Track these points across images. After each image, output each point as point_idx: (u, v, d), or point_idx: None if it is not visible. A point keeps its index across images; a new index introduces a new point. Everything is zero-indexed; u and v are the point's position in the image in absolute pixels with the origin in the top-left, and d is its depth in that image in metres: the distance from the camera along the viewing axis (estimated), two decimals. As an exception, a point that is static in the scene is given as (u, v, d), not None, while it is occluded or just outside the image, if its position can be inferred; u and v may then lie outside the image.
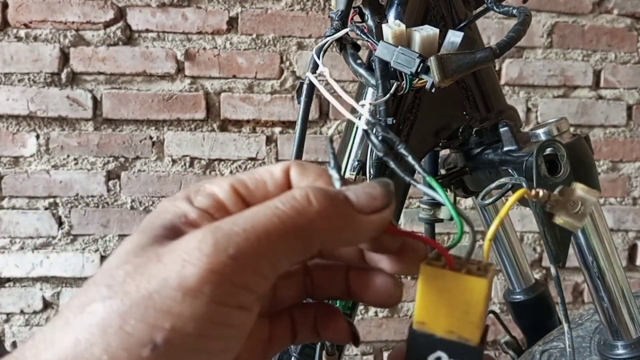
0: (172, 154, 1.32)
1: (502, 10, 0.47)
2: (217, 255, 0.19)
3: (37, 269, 1.31)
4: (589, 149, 0.51)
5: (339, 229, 0.22)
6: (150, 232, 0.21)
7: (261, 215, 0.20)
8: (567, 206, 0.28)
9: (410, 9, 0.51)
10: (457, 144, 0.56)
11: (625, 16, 1.39)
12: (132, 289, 0.19)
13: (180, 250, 0.19)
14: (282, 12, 1.31)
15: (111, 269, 0.20)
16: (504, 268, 0.73)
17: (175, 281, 0.19)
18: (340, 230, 0.22)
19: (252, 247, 0.19)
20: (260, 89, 1.32)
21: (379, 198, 0.23)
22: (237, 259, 0.19)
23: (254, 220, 0.20)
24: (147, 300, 0.18)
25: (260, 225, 0.20)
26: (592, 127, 1.40)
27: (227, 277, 0.19)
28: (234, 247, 0.19)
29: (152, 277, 0.19)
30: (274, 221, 0.20)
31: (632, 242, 1.45)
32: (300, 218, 0.20)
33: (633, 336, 0.56)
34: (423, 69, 0.39)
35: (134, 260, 0.20)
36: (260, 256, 0.20)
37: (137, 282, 0.19)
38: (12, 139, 1.28)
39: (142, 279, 0.19)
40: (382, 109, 0.46)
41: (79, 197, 1.31)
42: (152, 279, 0.19)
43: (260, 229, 0.20)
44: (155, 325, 0.18)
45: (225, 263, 0.19)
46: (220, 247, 0.19)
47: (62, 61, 1.27)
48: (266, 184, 0.24)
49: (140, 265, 0.20)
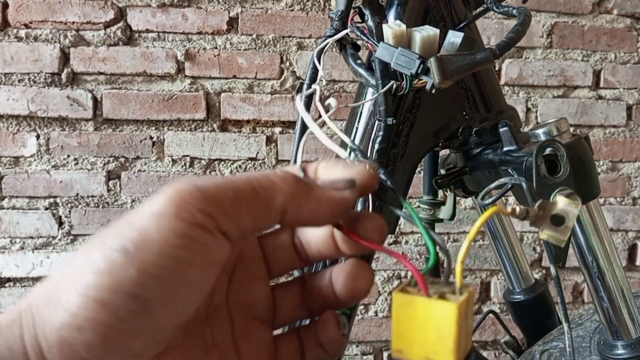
0: (172, 154, 1.32)
1: (502, 10, 0.47)
2: (185, 185, 0.22)
3: (38, 269, 1.31)
4: (589, 149, 0.51)
5: (300, 198, 0.24)
6: None
7: (235, 177, 0.24)
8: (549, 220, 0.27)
9: (410, 9, 0.51)
10: (457, 144, 0.56)
11: (625, 16, 1.39)
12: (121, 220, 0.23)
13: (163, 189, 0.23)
14: (282, 12, 1.32)
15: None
16: (504, 268, 0.73)
17: (147, 207, 0.22)
18: (301, 199, 0.24)
19: (216, 187, 0.22)
20: (261, 89, 1.32)
21: (341, 181, 0.26)
22: (202, 190, 0.22)
23: (226, 178, 0.23)
24: (124, 222, 0.22)
25: (229, 179, 0.23)
26: (591, 127, 1.41)
27: (192, 202, 0.22)
28: (202, 183, 0.22)
29: (135, 211, 0.22)
30: (242, 178, 0.24)
31: (632, 242, 1.45)
32: (264, 180, 0.24)
33: (633, 336, 0.56)
34: (423, 70, 0.40)
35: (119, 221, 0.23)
36: (223, 196, 0.22)
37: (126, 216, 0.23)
38: (13, 139, 1.28)
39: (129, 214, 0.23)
40: (382, 109, 0.46)
41: (79, 197, 1.31)
42: (135, 211, 0.22)
43: (227, 181, 0.23)
44: (125, 235, 0.21)
45: (191, 190, 0.22)
46: (190, 182, 0.22)
47: (63, 61, 1.27)
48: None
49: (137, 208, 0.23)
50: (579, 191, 0.48)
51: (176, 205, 0.21)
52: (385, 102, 0.45)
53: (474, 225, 0.25)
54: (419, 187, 0.67)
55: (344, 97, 1.33)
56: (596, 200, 0.54)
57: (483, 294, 1.43)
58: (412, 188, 0.62)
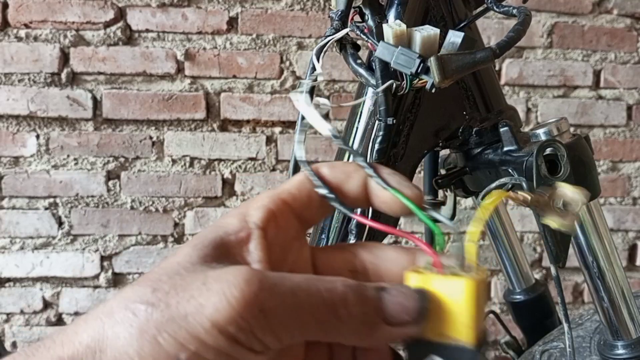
0: (172, 154, 1.32)
1: (502, 10, 0.47)
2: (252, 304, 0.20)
3: (37, 269, 1.31)
4: (589, 149, 0.51)
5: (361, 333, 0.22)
6: (202, 249, 0.23)
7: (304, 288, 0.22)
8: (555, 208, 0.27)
9: (410, 9, 0.51)
10: (457, 144, 0.56)
11: (625, 16, 1.39)
12: (173, 303, 0.21)
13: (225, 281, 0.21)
14: (282, 12, 1.31)
15: (161, 275, 0.22)
16: (504, 268, 0.73)
17: (209, 310, 0.20)
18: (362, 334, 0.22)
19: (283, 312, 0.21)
20: (260, 89, 1.32)
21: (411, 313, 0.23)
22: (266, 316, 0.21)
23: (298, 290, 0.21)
24: (182, 320, 0.20)
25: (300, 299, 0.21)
26: (592, 127, 1.41)
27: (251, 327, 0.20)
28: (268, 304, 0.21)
29: (193, 298, 0.21)
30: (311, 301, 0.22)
31: (632, 242, 1.45)
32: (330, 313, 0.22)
33: (633, 336, 0.56)
34: (423, 69, 0.39)
35: (183, 274, 0.22)
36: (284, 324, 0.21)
37: (179, 299, 0.21)
38: (12, 139, 1.28)
39: (184, 296, 0.21)
40: (382, 108, 0.46)
41: (79, 197, 1.31)
42: (192, 300, 0.21)
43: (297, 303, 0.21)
44: (183, 344, 0.20)
45: (255, 314, 0.20)
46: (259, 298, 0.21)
47: (62, 61, 1.27)
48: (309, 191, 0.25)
49: (186, 283, 0.21)
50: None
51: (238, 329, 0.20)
52: (386, 101, 0.45)
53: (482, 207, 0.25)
54: (419, 187, 0.67)
55: (344, 97, 1.33)
56: (596, 200, 0.54)
57: (483, 294, 1.43)
58: (412, 188, 0.62)
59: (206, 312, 0.20)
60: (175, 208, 1.33)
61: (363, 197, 0.25)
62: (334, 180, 0.25)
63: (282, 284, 0.21)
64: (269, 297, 0.21)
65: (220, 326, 0.20)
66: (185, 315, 0.20)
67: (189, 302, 0.21)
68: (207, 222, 1.34)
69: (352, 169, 0.25)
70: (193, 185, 1.33)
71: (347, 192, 0.25)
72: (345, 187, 0.25)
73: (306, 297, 0.21)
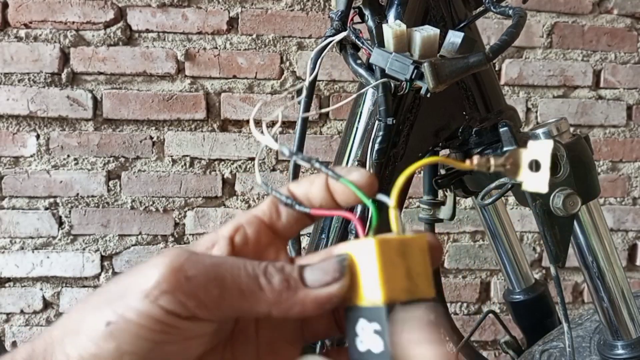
0: (172, 154, 1.32)
1: (499, 10, 0.47)
2: (177, 271, 0.23)
3: (37, 268, 1.31)
4: (589, 149, 0.51)
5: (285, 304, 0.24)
6: None
7: (230, 262, 0.24)
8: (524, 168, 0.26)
9: (410, 9, 0.51)
10: (457, 144, 0.56)
11: (625, 16, 1.39)
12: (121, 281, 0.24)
13: (161, 257, 0.24)
14: (282, 12, 1.32)
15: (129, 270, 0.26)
16: (504, 268, 0.74)
17: (141, 279, 0.23)
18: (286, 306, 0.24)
19: (206, 280, 0.23)
20: (261, 89, 1.32)
21: (331, 269, 0.25)
22: (190, 281, 0.23)
23: (223, 263, 0.24)
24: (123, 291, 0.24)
25: (224, 269, 0.24)
26: (592, 127, 1.41)
27: (174, 290, 0.23)
28: (192, 272, 0.23)
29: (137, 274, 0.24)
30: (234, 272, 0.24)
31: (632, 242, 1.45)
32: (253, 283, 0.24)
33: (633, 336, 0.56)
34: (417, 75, 0.40)
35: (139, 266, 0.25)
36: (208, 290, 0.23)
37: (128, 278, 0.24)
38: (12, 139, 1.28)
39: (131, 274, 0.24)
40: (382, 109, 0.46)
41: (79, 197, 1.31)
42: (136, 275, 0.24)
43: (221, 273, 0.24)
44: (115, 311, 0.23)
45: (179, 279, 0.23)
46: (184, 267, 0.23)
47: (62, 61, 1.27)
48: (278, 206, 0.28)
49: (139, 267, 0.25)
50: (579, 191, 0.48)
51: (161, 290, 0.23)
52: (385, 102, 0.45)
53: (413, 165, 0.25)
54: (419, 187, 0.67)
55: (344, 97, 1.33)
56: (596, 200, 0.54)
57: (483, 294, 1.43)
58: (412, 188, 0.62)
59: (140, 281, 0.23)
60: (175, 208, 1.33)
61: (328, 197, 0.27)
62: (300, 192, 0.27)
63: (209, 258, 0.24)
64: (193, 266, 0.23)
65: (146, 290, 0.23)
66: (126, 287, 0.24)
67: (133, 276, 0.24)
68: (207, 222, 1.34)
69: (314, 177, 0.28)
70: (193, 185, 1.33)
71: (313, 197, 0.27)
72: (310, 194, 0.27)
73: (230, 268, 0.24)
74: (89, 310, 0.24)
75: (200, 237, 1.33)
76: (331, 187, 0.27)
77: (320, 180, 0.27)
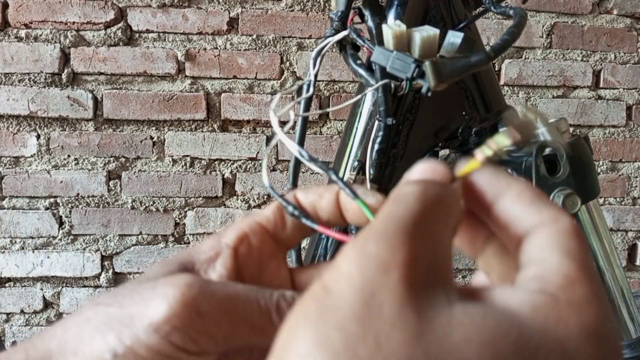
0: (172, 154, 1.32)
1: (499, 10, 0.47)
2: (189, 306, 0.22)
3: (38, 268, 1.31)
4: (589, 149, 0.51)
5: None
6: (169, 265, 0.25)
7: (242, 295, 0.23)
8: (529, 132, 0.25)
9: (410, 9, 0.51)
10: (457, 144, 0.56)
11: (625, 16, 1.39)
12: (126, 304, 0.23)
13: (170, 285, 0.23)
14: (282, 12, 1.32)
15: (128, 283, 0.24)
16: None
17: (151, 310, 0.22)
18: None
19: (218, 316, 0.23)
20: (261, 89, 1.32)
21: None
22: (202, 318, 0.22)
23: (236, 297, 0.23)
24: (129, 319, 0.22)
25: (236, 305, 0.23)
26: (591, 127, 1.41)
27: (186, 327, 0.22)
28: (205, 308, 0.22)
29: (142, 300, 0.23)
30: (247, 307, 0.23)
31: (631, 242, 1.45)
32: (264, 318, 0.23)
33: (633, 336, 0.56)
34: (419, 73, 0.40)
35: (143, 282, 0.24)
36: (220, 327, 0.23)
37: (132, 301, 0.23)
38: (13, 139, 1.29)
39: (135, 299, 0.23)
40: (382, 109, 0.46)
41: (79, 197, 1.31)
42: (141, 302, 0.23)
43: (234, 308, 0.23)
44: (122, 340, 0.22)
45: (191, 315, 0.22)
46: (197, 301, 0.22)
47: (63, 61, 1.28)
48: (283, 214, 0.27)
49: (141, 288, 0.23)
50: (579, 191, 0.48)
51: (172, 326, 0.22)
52: (385, 102, 0.45)
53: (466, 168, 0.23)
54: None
55: (344, 97, 1.33)
56: (596, 200, 0.54)
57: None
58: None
59: (148, 312, 0.22)
60: (175, 208, 1.33)
61: (337, 214, 0.26)
62: (307, 202, 0.27)
63: (221, 290, 0.23)
64: (206, 301, 0.22)
65: (156, 325, 0.22)
66: (132, 316, 0.22)
67: (137, 303, 0.23)
68: (207, 222, 1.34)
69: (324, 189, 0.27)
70: (193, 185, 1.33)
71: (321, 210, 0.26)
72: (318, 207, 0.26)
73: (243, 303, 0.23)
74: (90, 331, 0.23)
75: (200, 237, 1.34)
76: (342, 204, 0.26)
77: (330, 195, 0.26)
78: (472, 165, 0.22)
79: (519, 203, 0.21)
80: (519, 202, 0.21)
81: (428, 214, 0.19)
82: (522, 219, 0.20)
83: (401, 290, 0.16)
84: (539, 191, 0.21)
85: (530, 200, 0.20)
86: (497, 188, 0.21)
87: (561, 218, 0.20)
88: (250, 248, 0.26)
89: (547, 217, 0.20)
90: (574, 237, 0.19)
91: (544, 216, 0.20)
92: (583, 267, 0.18)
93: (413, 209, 0.18)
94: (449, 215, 0.20)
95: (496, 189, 0.21)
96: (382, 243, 0.17)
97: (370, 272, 0.16)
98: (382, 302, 0.16)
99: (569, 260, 0.18)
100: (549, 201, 0.21)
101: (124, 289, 0.24)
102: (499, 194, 0.21)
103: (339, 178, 0.26)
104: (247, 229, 0.26)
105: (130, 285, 0.24)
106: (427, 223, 0.18)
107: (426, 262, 0.17)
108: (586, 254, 0.19)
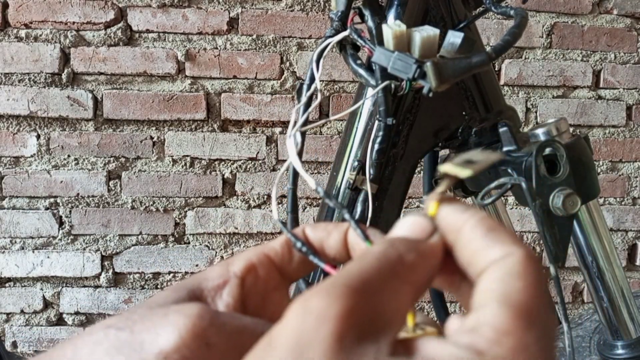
0: (172, 154, 1.32)
1: (500, 10, 0.47)
2: (199, 337, 0.22)
3: (38, 268, 1.31)
4: (589, 149, 0.51)
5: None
6: (178, 291, 0.25)
7: (251, 329, 0.24)
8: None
9: (410, 9, 0.51)
10: (457, 144, 0.56)
11: (625, 16, 1.39)
12: (136, 329, 0.23)
13: (182, 315, 0.23)
14: (282, 12, 1.32)
15: (138, 308, 0.24)
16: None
17: (161, 339, 0.22)
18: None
19: (227, 348, 0.23)
20: (261, 89, 1.32)
21: None
22: (211, 349, 0.22)
23: (244, 330, 0.23)
24: (139, 345, 0.23)
25: (244, 339, 0.23)
26: (591, 127, 1.41)
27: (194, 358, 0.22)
28: (214, 340, 0.23)
29: (153, 327, 0.23)
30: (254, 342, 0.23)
31: (631, 242, 1.45)
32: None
33: (633, 336, 0.56)
34: (420, 74, 0.40)
35: (154, 307, 0.24)
36: (225, 358, 0.23)
37: (143, 327, 0.23)
38: (13, 139, 1.29)
39: (146, 325, 0.23)
40: (382, 109, 0.46)
41: (79, 197, 1.31)
42: (152, 328, 0.23)
43: (242, 342, 0.23)
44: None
45: (200, 346, 0.22)
46: (206, 332, 0.23)
47: (63, 61, 1.28)
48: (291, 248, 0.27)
49: (152, 314, 0.24)
50: (579, 191, 0.48)
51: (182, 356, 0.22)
52: (385, 102, 0.45)
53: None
54: (419, 187, 0.67)
55: (344, 97, 1.33)
56: (596, 200, 0.54)
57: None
58: (412, 188, 0.62)
59: (159, 340, 0.22)
60: (175, 208, 1.33)
61: (344, 252, 0.27)
62: (315, 238, 0.27)
63: (230, 323, 0.23)
64: (216, 333, 0.23)
65: (166, 353, 0.22)
66: (143, 342, 0.22)
67: (148, 330, 0.23)
68: (207, 222, 1.34)
69: (333, 227, 0.27)
70: (193, 185, 1.33)
71: (329, 248, 0.27)
72: (326, 244, 0.27)
73: (250, 337, 0.23)
74: (100, 354, 0.23)
75: (200, 237, 1.34)
76: (350, 243, 0.26)
77: (338, 233, 0.27)
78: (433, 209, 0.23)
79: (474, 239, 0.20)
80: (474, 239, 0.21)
81: (383, 271, 0.19)
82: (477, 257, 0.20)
83: (330, 344, 0.16)
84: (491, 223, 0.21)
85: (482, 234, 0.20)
86: (456, 226, 0.21)
87: (512, 252, 0.19)
88: (257, 279, 0.26)
89: (498, 253, 0.20)
90: (521, 276, 0.19)
91: (495, 252, 0.20)
92: (518, 315, 0.18)
93: (365, 266, 0.19)
94: (412, 272, 0.20)
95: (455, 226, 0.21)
96: (322, 296, 0.17)
97: (306, 325, 0.17)
98: (312, 355, 0.16)
99: (505, 308, 0.18)
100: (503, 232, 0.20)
101: (135, 314, 0.24)
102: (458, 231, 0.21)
103: (352, 218, 0.26)
104: (255, 260, 0.26)
105: (141, 310, 0.24)
106: (378, 279, 0.18)
107: (362, 316, 0.17)
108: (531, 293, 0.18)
